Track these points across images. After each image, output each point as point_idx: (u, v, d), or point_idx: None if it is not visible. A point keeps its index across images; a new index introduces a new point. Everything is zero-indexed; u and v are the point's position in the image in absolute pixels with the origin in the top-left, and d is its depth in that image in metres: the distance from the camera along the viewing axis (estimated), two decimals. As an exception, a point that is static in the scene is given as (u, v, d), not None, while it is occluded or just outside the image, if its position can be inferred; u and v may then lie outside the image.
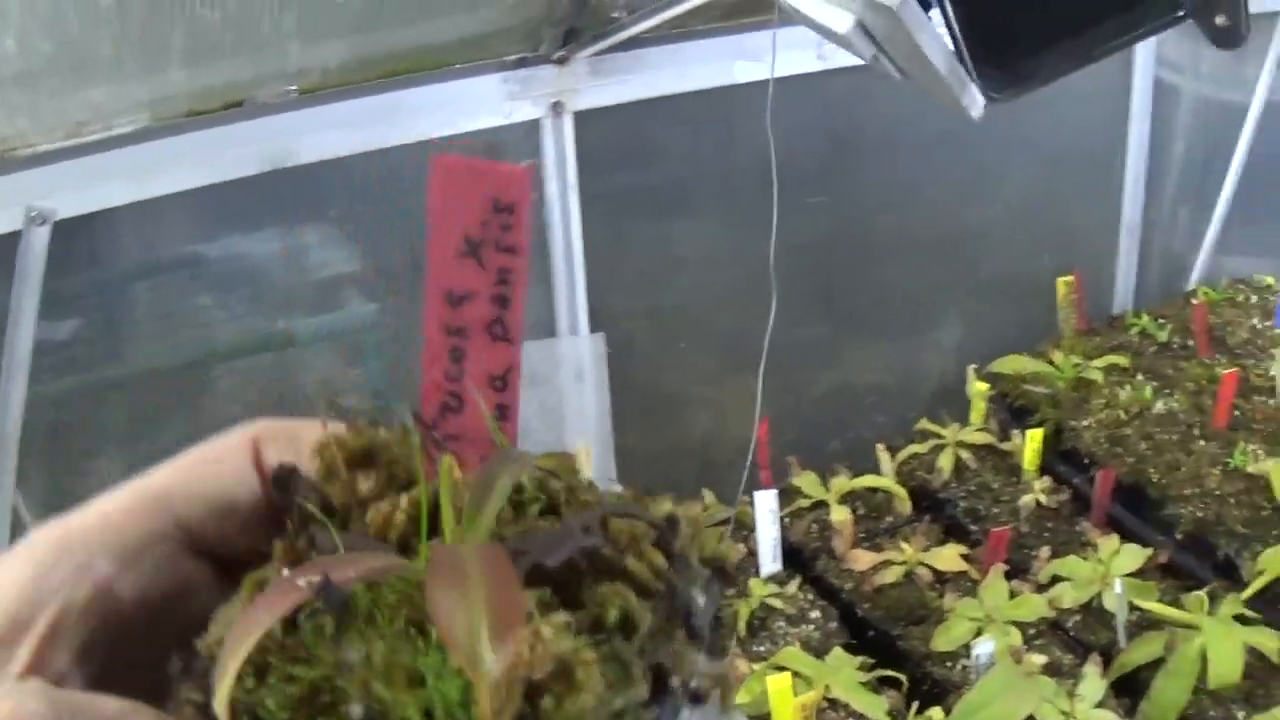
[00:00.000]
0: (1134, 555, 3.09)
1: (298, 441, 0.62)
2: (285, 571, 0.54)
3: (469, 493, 0.55)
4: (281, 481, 0.60)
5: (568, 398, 3.15)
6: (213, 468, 0.63)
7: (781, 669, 2.63)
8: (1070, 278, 3.85)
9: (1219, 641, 2.80)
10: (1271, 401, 3.60)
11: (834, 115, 3.33)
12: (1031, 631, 2.95)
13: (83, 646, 0.58)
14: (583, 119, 3.02)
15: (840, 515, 3.23)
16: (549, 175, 3.04)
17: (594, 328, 3.20)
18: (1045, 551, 3.17)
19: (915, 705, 2.62)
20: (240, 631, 0.49)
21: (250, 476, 0.62)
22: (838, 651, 2.80)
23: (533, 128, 3.00)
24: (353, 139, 2.80)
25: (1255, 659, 2.83)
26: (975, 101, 1.60)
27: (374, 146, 2.83)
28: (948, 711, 2.64)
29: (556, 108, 2.97)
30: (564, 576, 0.52)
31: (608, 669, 0.50)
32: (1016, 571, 3.11)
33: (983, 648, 2.74)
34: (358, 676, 0.49)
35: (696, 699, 0.54)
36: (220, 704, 0.47)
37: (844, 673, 2.67)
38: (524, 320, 0.58)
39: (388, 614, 0.51)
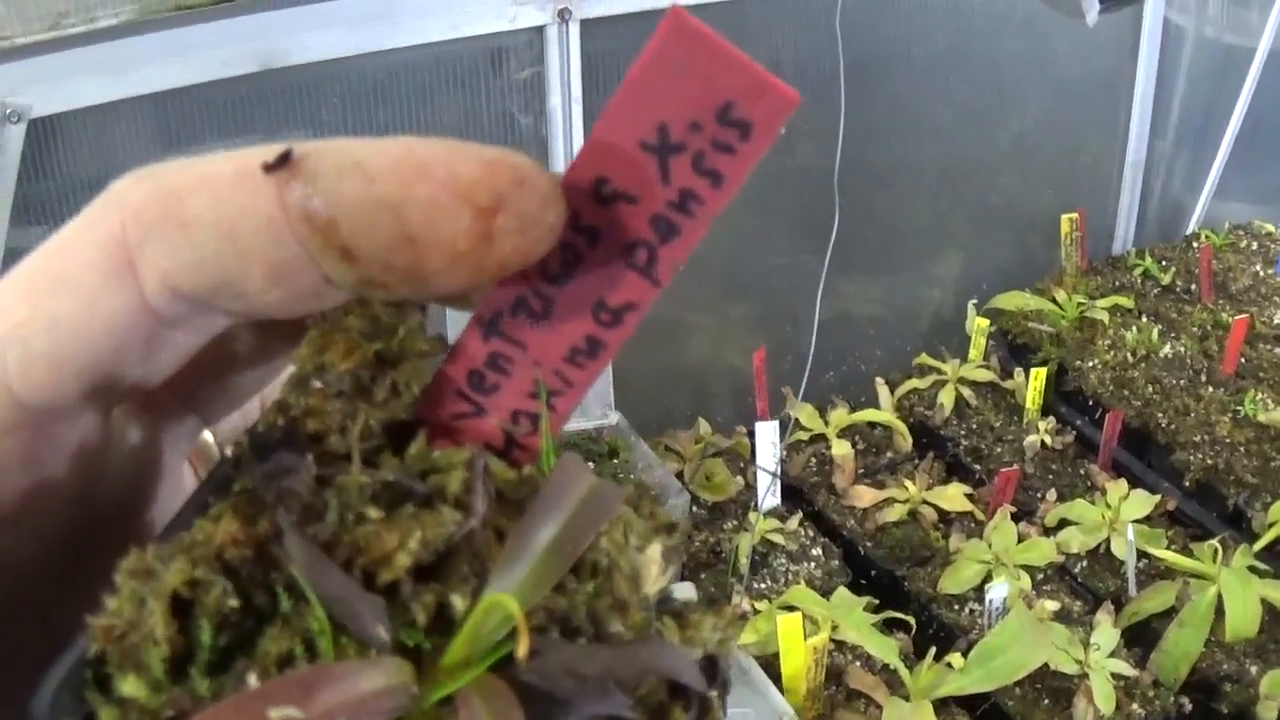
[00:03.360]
0: (1143, 502, 3.03)
1: (184, 224, 0.40)
2: (251, 680, 0.39)
3: (508, 532, 0.43)
4: (261, 445, 0.44)
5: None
6: (59, 301, 0.42)
7: (790, 608, 2.53)
8: (1075, 215, 3.76)
9: (1236, 593, 2.74)
10: (1278, 350, 3.51)
11: (845, 32, 3.21)
12: (1040, 576, 2.87)
13: None
14: (590, 27, 2.88)
15: (841, 450, 3.14)
16: (552, 87, 2.91)
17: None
18: (1051, 494, 3.09)
19: (933, 650, 2.53)
20: None
21: (116, 307, 0.41)
22: (843, 591, 2.71)
23: (537, 34, 2.86)
24: (348, 40, 2.67)
25: (1266, 612, 2.77)
26: (1092, 7, 1.56)
27: (370, 49, 2.70)
28: (961, 656, 2.55)
29: (563, 14, 2.84)
30: None
31: None
32: (1022, 514, 3.03)
33: (996, 592, 2.67)
34: None
35: None
36: None
37: (855, 614, 2.58)
38: (681, 265, 0.43)
39: None
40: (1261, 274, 3.87)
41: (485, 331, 0.45)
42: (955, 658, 2.55)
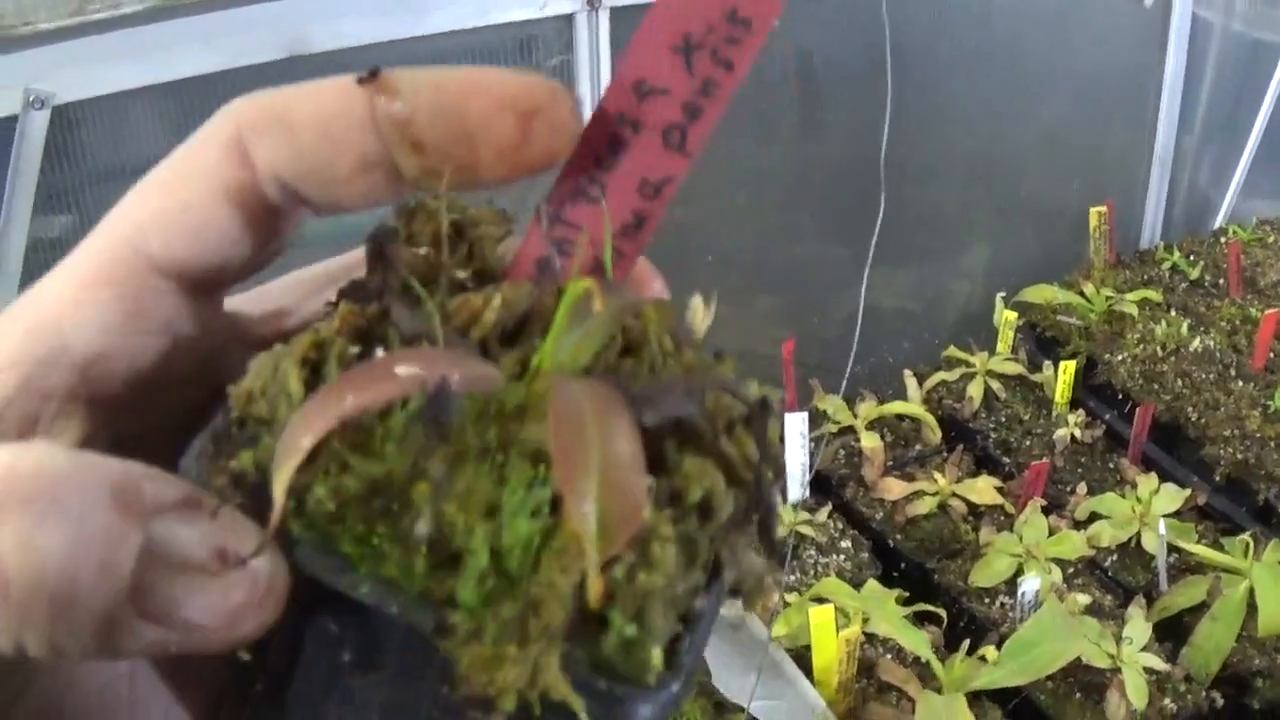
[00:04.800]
0: (1173, 496, 3.00)
1: (290, 125, 0.51)
2: (379, 352, 0.49)
3: (568, 314, 0.51)
4: (376, 243, 0.53)
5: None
6: (191, 189, 0.52)
7: (821, 600, 2.51)
8: (1103, 208, 3.74)
9: (1268, 588, 2.71)
10: (1308, 344, 3.49)
11: (871, 26, 3.19)
12: (1070, 570, 2.85)
13: (78, 439, 0.52)
14: (619, 15, 2.86)
15: (870, 442, 3.12)
16: (581, 73, 2.88)
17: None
18: (1081, 488, 3.07)
19: (966, 643, 2.51)
20: (315, 412, 0.45)
21: (239, 188, 0.52)
22: (873, 584, 2.69)
23: (566, 22, 2.84)
24: (376, 27, 2.65)
25: (1298, 607, 2.75)
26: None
27: (398, 36, 2.68)
28: (995, 648, 2.53)
29: (593, 2, 2.82)
30: (650, 438, 0.47)
31: (679, 550, 0.47)
32: (1052, 507, 3.01)
33: (1028, 585, 2.65)
34: (430, 491, 0.45)
35: (735, 593, 0.52)
36: (280, 487, 0.44)
37: (887, 606, 2.56)
38: (708, 138, 0.52)
39: (473, 431, 0.46)
40: (1290, 269, 3.85)
41: (549, 223, 0.54)
42: (989, 651, 2.53)
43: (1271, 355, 3.41)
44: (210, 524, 0.46)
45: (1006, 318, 3.52)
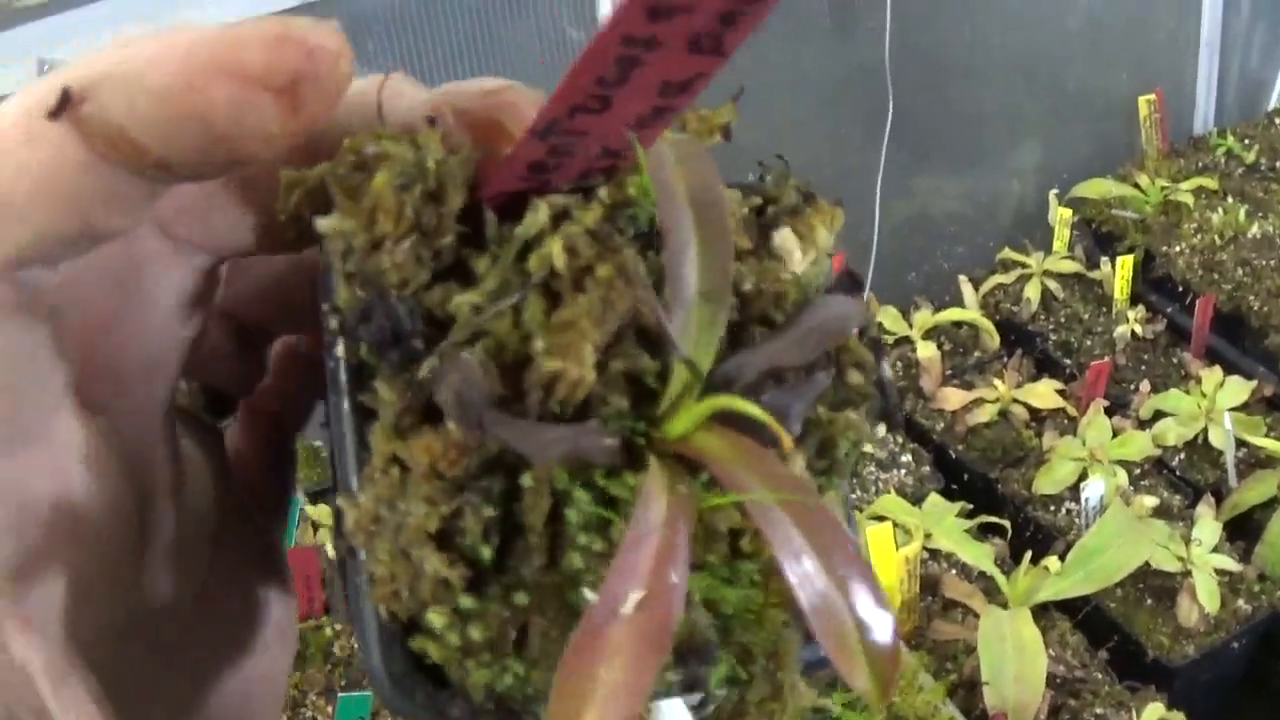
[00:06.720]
0: (1239, 389, 2.95)
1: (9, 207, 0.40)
2: (588, 594, 0.41)
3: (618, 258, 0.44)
4: (366, 312, 0.43)
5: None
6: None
7: (880, 519, 2.47)
8: (1153, 96, 3.66)
9: (1342, 479, 2.66)
10: (1371, 224, 3.42)
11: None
12: (1137, 471, 2.80)
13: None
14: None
15: (927, 352, 3.07)
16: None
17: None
18: (1145, 385, 3.02)
19: (1029, 554, 2.47)
20: None
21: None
22: (934, 498, 2.65)
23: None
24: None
25: (1372, 500, 2.69)
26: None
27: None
28: (1058, 559, 2.49)
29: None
30: None
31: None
32: (1115, 407, 2.96)
33: (1092, 490, 2.60)
34: None
35: None
36: None
37: (947, 521, 2.52)
38: (745, 40, 0.41)
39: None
40: (1349, 148, 3.77)
41: (541, 135, 0.44)
42: (1052, 561, 2.49)
43: (1335, 237, 3.34)
44: None
45: (1061, 215, 3.45)
